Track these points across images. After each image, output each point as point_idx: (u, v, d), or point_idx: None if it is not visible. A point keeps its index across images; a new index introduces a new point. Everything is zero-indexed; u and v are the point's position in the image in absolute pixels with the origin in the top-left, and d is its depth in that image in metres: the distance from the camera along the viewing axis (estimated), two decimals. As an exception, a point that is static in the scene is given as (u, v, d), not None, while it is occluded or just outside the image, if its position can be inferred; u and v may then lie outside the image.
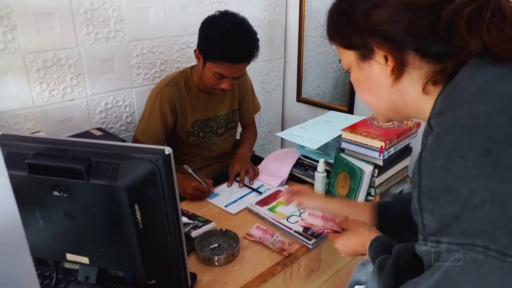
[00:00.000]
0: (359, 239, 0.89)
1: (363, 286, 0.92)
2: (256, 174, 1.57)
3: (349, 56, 0.70)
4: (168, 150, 0.80)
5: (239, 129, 1.88)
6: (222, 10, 1.46)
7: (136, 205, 0.81)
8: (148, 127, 1.54)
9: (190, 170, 1.48)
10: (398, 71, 0.64)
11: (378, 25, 0.63)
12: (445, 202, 0.52)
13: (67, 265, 0.96)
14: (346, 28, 0.68)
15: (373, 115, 1.53)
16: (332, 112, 1.80)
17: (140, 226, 0.83)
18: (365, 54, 0.67)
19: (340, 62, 0.74)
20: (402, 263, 0.68)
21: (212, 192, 1.46)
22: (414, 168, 0.57)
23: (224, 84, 1.47)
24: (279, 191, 1.47)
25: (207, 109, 1.64)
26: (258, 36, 1.47)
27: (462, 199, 0.50)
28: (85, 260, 0.91)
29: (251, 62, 1.47)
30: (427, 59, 0.63)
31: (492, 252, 0.49)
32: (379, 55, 0.65)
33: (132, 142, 1.59)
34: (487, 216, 0.49)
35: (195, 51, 1.49)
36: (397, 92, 0.67)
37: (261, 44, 1.49)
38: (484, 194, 0.49)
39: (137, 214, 0.81)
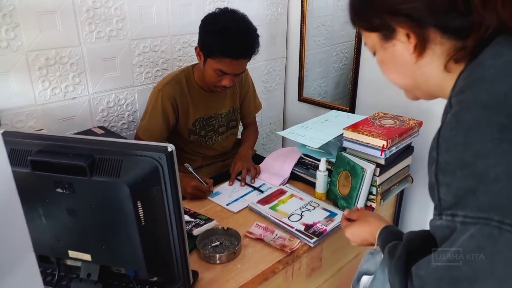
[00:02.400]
0: (368, 229, 0.90)
1: (371, 277, 0.92)
2: (257, 173, 1.57)
3: (373, 39, 0.72)
4: (170, 147, 0.80)
5: (241, 128, 1.88)
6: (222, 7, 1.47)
7: (138, 202, 0.81)
8: (149, 125, 1.54)
9: (190, 169, 1.48)
10: (421, 48, 0.66)
11: (397, 4, 0.64)
12: (461, 176, 0.53)
13: (69, 262, 0.96)
14: (366, 11, 0.69)
15: (375, 114, 1.53)
16: (333, 111, 1.80)
17: (143, 223, 0.83)
18: (387, 35, 0.68)
19: (365, 45, 0.75)
20: (414, 248, 0.68)
21: (212, 191, 1.46)
22: (432, 144, 0.58)
23: (225, 81, 1.47)
24: (281, 189, 1.48)
25: (208, 108, 1.64)
26: (260, 35, 1.47)
27: (478, 174, 0.52)
28: (87, 257, 0.91)
29: (251, 58, 1.48)
30: (448, 35, 0.63)
31: (507, 226, 0.50)
32: (401, 34, 0.66)
33: (134, 139, 1.59)
34: (502, 190, 0.50)
35: (195, 48, 1.50)
36: (420, 69, 0.68)
37: (263, 43, 1.49)
38: (500, 169, 0.51)
39: (139, 211, 0.82)
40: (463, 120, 0.55)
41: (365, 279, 0.94)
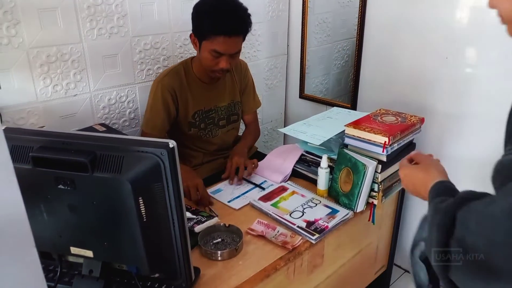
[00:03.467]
0: (423, 176, 0.79)
1: None
2: (255, 166, 1.55)
3: None
4: (172, 143, 0.80)
5: (243, 126, 1.87)
6: None
7: (140, 198, 0.81)
8: (152, 117, 1.54)
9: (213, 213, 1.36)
10: None
11: None
12: None
13: (71, 259, 0.96)
14: None
15: (377, 110, 1.52)
16: (335, 108, 1.79)
17: (144, 220, 0.83)
18: None
19: None
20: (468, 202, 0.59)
21: (208, 203, 1.38)
22: None
23: (222, 63, 1.47)
24: (282, 186, 1.47)
25: (208, 100, 1.64)
26: (261, 32, 1.46)
27: None
28: (89, 253, 0.91)
29: (245, 39, 1.48)
30: None
31: None
32: None
33: (141, 136, 1.59)
34: None
35: (190, 36, 1.51)
36: None
37: (264, 40, 1.48)
38: None
39: (141, 207, 0.82)
40: None
41: (423, 244, 0.82)
